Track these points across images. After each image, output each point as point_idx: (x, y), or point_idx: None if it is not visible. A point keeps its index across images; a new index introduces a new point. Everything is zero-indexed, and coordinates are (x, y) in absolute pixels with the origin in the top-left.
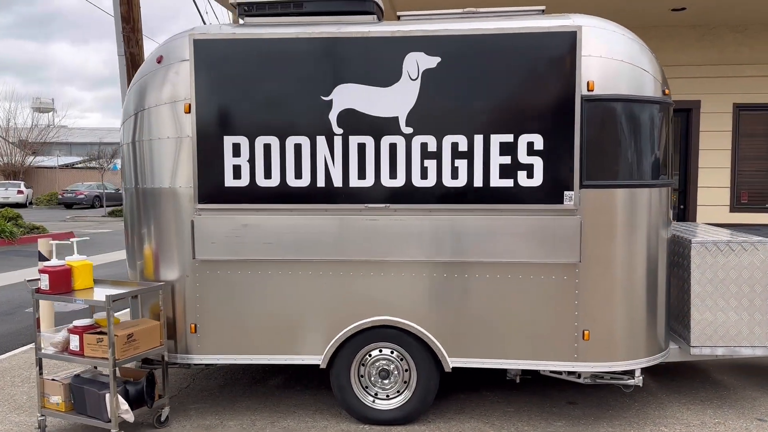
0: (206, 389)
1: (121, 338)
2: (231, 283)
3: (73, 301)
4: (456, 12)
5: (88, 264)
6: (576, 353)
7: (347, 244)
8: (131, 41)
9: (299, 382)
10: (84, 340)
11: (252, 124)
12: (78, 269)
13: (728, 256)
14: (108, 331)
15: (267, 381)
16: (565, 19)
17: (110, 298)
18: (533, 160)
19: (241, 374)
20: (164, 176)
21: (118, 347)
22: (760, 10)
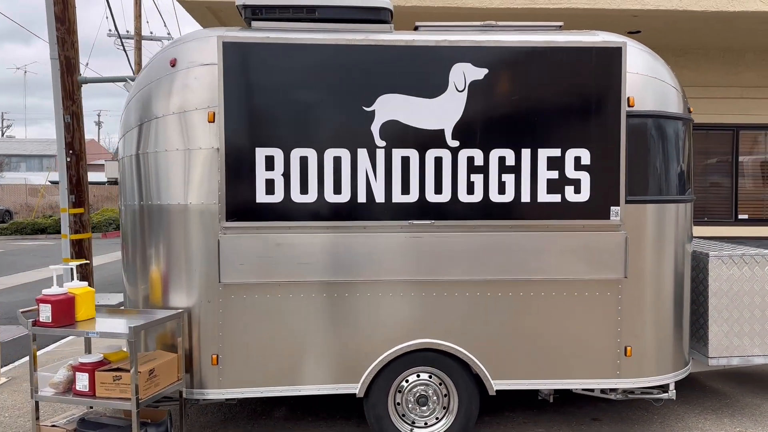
0: (207, 426)
1: (144, 375)
2: (260, 308)
3: (84, 335)
4: (476, 24)
5: (90, 291)
6: (619, 370)
7: (389, 263)
8: (66, 44)
9: (309, 413)
10: (96, 378)
11: (287, 136)
12: (81, 297)
13: (742, 268)
14: (131, 368)
15: (271, 413)
16: (596, 36)
17: (135, 330)
18: (580, 175)
19: (239, 407)
20: (180, 191)
21: (141, 385)
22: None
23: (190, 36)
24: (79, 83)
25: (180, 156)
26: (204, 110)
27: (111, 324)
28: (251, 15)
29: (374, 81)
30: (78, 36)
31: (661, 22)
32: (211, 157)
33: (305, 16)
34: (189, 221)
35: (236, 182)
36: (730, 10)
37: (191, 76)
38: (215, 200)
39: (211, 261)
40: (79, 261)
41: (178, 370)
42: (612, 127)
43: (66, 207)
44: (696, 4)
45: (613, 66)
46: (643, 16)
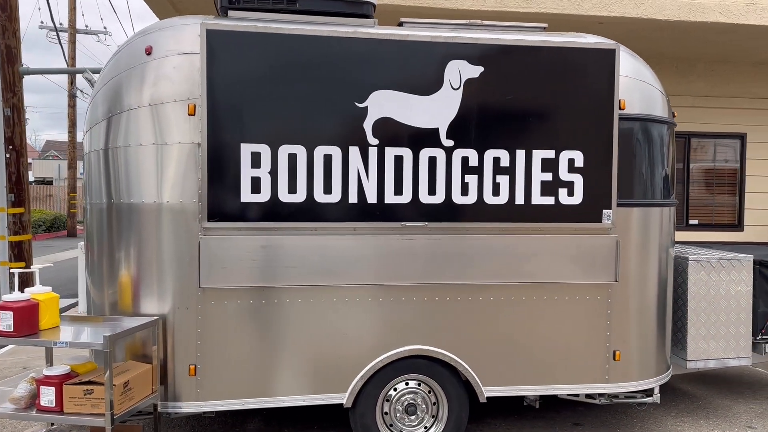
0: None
1: (118, 388)
2: (242, 314)
3: (51, 345)
4: (462, 23)
5: (54, 297)
6: (607, 374)
7: (380, 266)
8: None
9: (284, 424)
10: (64, 393)
11: (275, 131)
12: (45, 304)
13: (720, 272)
14: (106, 381)
15: (244, 425)
16: (584, 38)
17: (111, 340)
18: (574, 177)
19: (209, 420)
20: (155, 189)
21: (115, 400)
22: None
23: (167, 23)
24: (21, 74)
25: (155, 151)
26: (184, 102)
27: (79, 333)
28: (228, 4)
29: (368, 76)
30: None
31: (624, 29)
32: (191, 152)
33: (285, 6)
34: (164, 221)
35: (219, 180)
36: (690, 20)
37: (169, 66)
38: (195, 198)
39: (189, 264)
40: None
41: (153, 382)
42: (605, 130)
43: (5, 206)
44: (659, 13)
45: (606, 68)
46: (608, 23)
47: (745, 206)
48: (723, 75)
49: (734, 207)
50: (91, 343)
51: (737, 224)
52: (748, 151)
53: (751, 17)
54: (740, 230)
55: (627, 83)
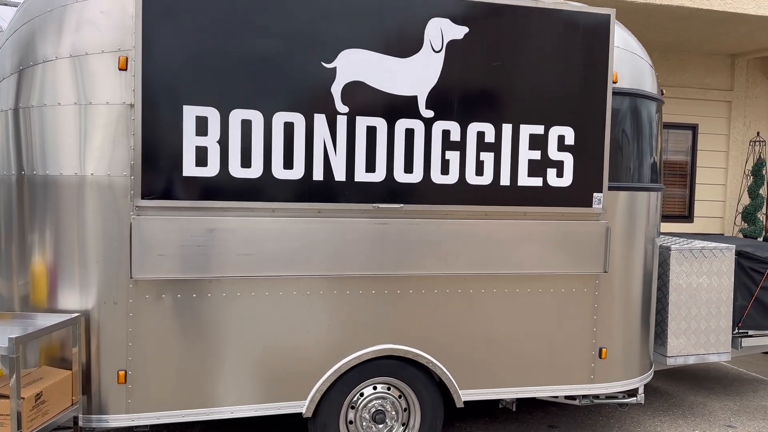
0: None
1: (29, 401)
2: (184, 310)
3: None
4: None
5: None
6: (593, 374)
7: (349, 254)
8: None
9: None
10: None
11: (226, 92)
12: None
13: (702, 263)
14: (12, 392)
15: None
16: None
17: (18, 342)
18: (563, 156)
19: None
20: (76, 159)
21: (24, 416)
22: None
23: None
24: None
25: (77, 112)
26: (113, 54)
27: None
28: None
29: (338, 32)
30: None
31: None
32: (122, 115)
33: None
34: (88, 198)
35: (156, 149)
36: (656, 3)
37: (95, 9)
38: (126, 171)
39: (118, 250)
40: None
41: (74, 392)
42: (598, 104)
43: None
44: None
45: (601, 36)
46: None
47: (696, 197)
48: (677, 64)
49: (684, 198)
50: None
51: (687, 215)
52: (699, 143)
53: (715, 2)
54: (690, 221)
55: (618, 54)
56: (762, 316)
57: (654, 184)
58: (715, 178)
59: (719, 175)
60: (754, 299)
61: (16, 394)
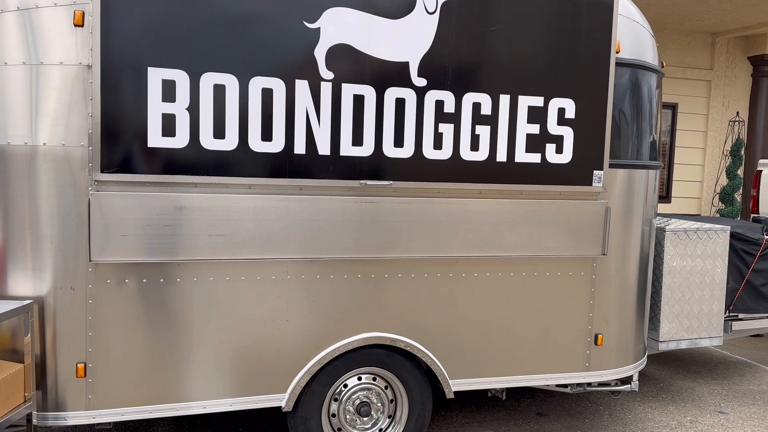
0: None
1: None
2: (149, 297)
3: None
4: None
5: None
6: (588, 362)
7: (333, 236)
8: None
9: (197, 426)
10: None
11: (196, 53)
12: None
13: (696, 244)
14: None
15: (150, 430)
16: None
17: None
18: (563, 131)
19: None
20: (25, 127)
21: None
22: None
23: None
24: None
25: (25, 74)
26: (68, 7)
27: None
28: None
29: None
30: None
31: None
32: (78, 77)
33: None
34: (40, 171)
35: (118, 116)
36: None
37: None
38: (83, 141)
39: (75, 230)
40: None
41: (26, 387)
42: (600, 75)
43: None
44: None
45: (604, 2)
46: None
47: (674, 178)
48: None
49: (662, 178)
50: None
51: (665, 196)
52: (678, 122)
53: None
54: (668, 201)
55: (620, 23)
56: (753, 299)
57: (653, 161)
58: (694, 158)
59: (698, 155)
60: (745, 282)
61: None
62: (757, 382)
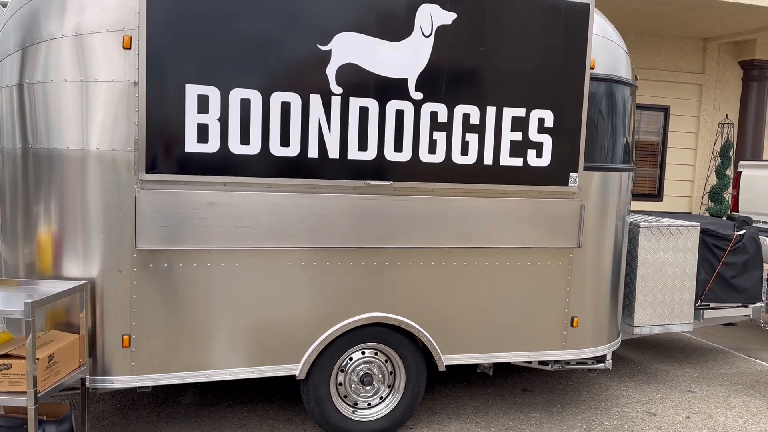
0: (104, 416)
1: (42, 362)
2: (185, 279)
3: None
4: None
5: None
6: (565, 341)
7: (341, 228)
8: None
9: (222, 397)
10: None
11: (226, 72)
12: None
13: (668, 239)
14: (28, 354)
15: (178, 399)
16: None
17: (33, 306)
18: (543, 138)
19: (137, 394)
20: (82, 134)
21: (39, 376)
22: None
23: None
24: None
25: (82, 89)
26: (117, 33)
27: None
28: None
29: (332, 15)
30: None
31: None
32: (126, 92)
33: None
34: (93, 171)
35: (160, 126)
36: None
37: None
38: (130, 146)
39: (123, 222)
40: None
41: (81, 354)
42: (576, 89)
43: None
44: None
45: (580, 24)
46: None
47: (666, 177)
48: (651, 47)
49: (655, 177)
50: (11, 311)
51: (657, 194)
52: (670, 124)
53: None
54: (660, 200)
55: (595, 42)
56: (722, 289)
57: (626, 165)
58: (685, 158)
59: (689, 155)
60: (716, 274)
61: (32, 355)
62: (728, 366)
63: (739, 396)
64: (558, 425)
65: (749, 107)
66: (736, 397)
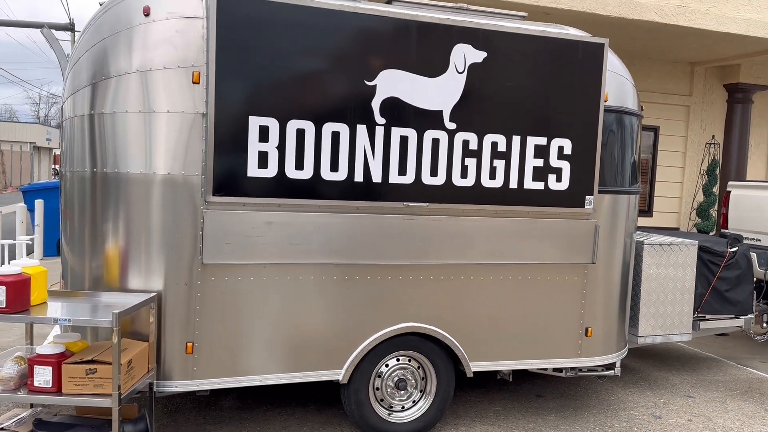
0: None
1: (123, 367)
2: (242, 291)
3: (50, 322)
4: (448, 5)
5: (43, 271)
6: (580, 350)
7: (382, 245)
8: None
9: (261, 402)
10: (64, 372)
11: (284, 105)
12: (35, 278)
13: (669, 255)
14: (114, 360)
15: (219, 403)
16: (567, 29)
17: (119, 316)
18: (562, 164)
19: (180, 398)
20: (155, 159)
21: (122, 379)
22: None
23: None
24: None
25: (156, 119)
26: (187, 69)
27: (74, 309)
28: None
29: (378, 54)
30: None
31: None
32: (195, 122)
33: None
34: (163, 194)
35: (226, 153)
36: (629, 17)
37: (172, 29)
38: (198, 171)
39: (190, 239)
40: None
41: (149, 361)
42: (591, 120)
43: None
44: (602, 9)
45: (596, 61)
46: (554, 14)
47: (655, 194)
48: (642, 70)
49: (645, 194)
50: (99, 320)
51: (647, 210)
52: (660, 143)
53: (680, 18)
54: (650, 216)
55: (610, 76)
56: (717, 302)
57: (633, 187)
58: (674, 176)
59: (677, 173)
60: (712, 288)
61: (117, 360)
62: (722, 374)
63: (734, 401)
64: (573, 427)
65: (734, 128)
66: (731, 402)
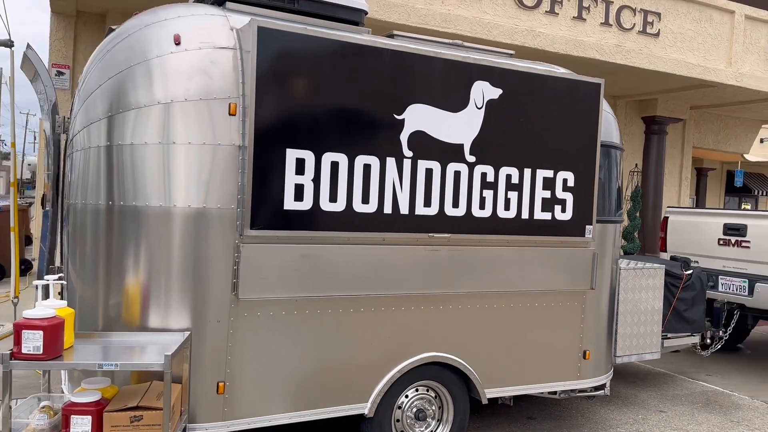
0: None
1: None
2: (275, 326)
3: (95, 367)
4: (446, 41)
5: (71, 312)
6: (579, 372)
7: (408, 276)
8: None
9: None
10: (105, 421)
11: (320, 137)
12: (67, 320)
13: (641, 279)
14: (165, 405)
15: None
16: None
17: (171, 358)
18: (566, 195)
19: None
20: (188, 192)
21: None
22: None
23: (186, 11)
24: None
25: (191, 151)
26: (224, 101)
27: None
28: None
29: (407, 89)
30: None
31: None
32: (231, 155)
33: (284, 5)
34: (199, 227)
35: (263, 185)
36: (573, 54)
37: (206, 60)
38: (233, 204)
39: (222, 274)
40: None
41: (182, 402)
42: (590, 154)
43: None
44: (551, 46)
45: (594, 99)
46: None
47: None
48: None
49: None
50: (151, 363)
51: None
52: None
53: (618, 57)
54: None
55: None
56: (677, 321)
57: (618, 216)
58: None
59: None
60: (672, 308)
61: (168, 406)
62: (680, 388)
63: (701, 413)
64: None
65: (651, 157)
66: (699, 414)
